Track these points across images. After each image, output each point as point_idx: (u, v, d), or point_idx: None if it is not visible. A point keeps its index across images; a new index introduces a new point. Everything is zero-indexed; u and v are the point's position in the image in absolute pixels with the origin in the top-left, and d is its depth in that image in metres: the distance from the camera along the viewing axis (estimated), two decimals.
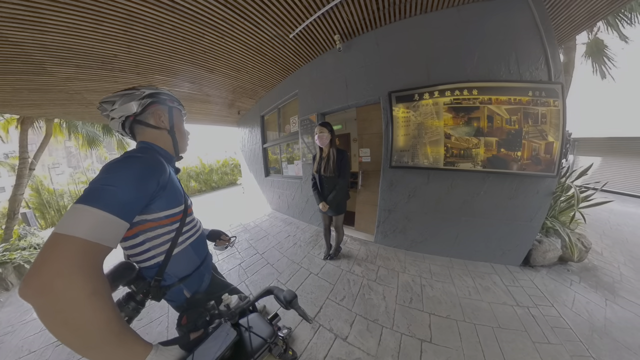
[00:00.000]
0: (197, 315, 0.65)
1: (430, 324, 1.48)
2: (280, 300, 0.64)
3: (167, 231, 0.65)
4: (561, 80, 1.85)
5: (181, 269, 0.72)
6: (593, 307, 1.63)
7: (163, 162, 0.63)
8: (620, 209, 4.76)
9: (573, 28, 2.54)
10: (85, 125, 5.72)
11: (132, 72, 2.70)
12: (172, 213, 0.66)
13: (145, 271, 0.67)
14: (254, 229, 3.72)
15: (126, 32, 1.95)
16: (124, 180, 0.51)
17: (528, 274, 2.02)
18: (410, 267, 2.16)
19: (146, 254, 0.63)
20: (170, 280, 0.69)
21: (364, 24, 2.30)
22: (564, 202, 2.47)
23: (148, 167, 0.58)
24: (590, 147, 8.01)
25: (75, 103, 3.41)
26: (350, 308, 1.66)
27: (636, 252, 2.63)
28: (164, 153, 0.73)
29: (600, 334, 1.40)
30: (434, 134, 2.11)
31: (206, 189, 9.78)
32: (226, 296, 0.74)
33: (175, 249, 0.68)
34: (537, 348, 1.29)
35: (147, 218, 0.61)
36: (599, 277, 2.03)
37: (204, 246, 0.85)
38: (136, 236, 0.61)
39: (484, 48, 1.94)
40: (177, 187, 0.69)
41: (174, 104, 0.78)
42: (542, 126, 1.84)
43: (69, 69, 2.42)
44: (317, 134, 1.92)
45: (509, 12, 1.88)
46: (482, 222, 2.13)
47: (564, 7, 2.09)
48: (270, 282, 2.09)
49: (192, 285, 0.75)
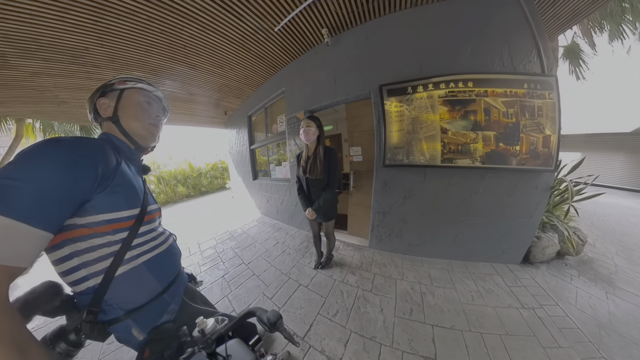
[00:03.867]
0: (163, 345, 0.54)
1: (434, 337, 1.35)
2: (263, 322, 0.56)
3: (107, 242, 0.49)
4: (554, 73, 1.81)
5: (129, 297, 0.54)
6: (596, 302, 1.61)
7: (104, 149, 0.49)
8: (603, 201, 4.93)
9: (559, 25, 2.58)
10: (62, 125, 5.26)
11: (107, 67, 2.52)
12: (118, 217, 0.50)
13: (78, 297, 0.50)
14: (240, 235, 3.52)
15: (96, 22, 1.79)
16: (40, 170, 0.38)
17: (529, 272, 1.96)
18: (409, 273, 2.03)
19: (75, 273, 0.47)
20: (112, 314, 0.51)
21: (353, 18, 2.21)
22: (557, 196, 2.45)
23: (80, 149, 0.44)
24: (571, 143, 8.45)
25: (45, 101, 3.13)
26: (344, 324, 1.50)
27: (626, 242, 2.69)
28: (121, 144, 0.61)
29: (608, 331, 1.36)
30: (430, 128, 2.01)
31: (195, 194, 9.38)
32: (200, 320, 0.60)
33: (120, 268, 0.51)
34: (548, 354, 1.21)
35: (78, 222, 0.45)
36: (596, 269, 2.03)
37: (171, 267, 0.67)
38: (61, 246, 0.45)
39: (476, 41, 1.89)
40: (131, 185, 0.55)
41: (129, 84, 0.63)
42: (539, 119, 1.77)
43: (36, 63, 2.20)
44: (303, 128, 1.68)
45: (500, 6, 1.86)
46: (481, 221, 2.05)
47: (551, 4, 2.13)
48: (256, 297, 1.90)
49: (147, 321, 0.57)
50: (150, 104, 0.66)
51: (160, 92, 0.70)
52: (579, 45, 4.57)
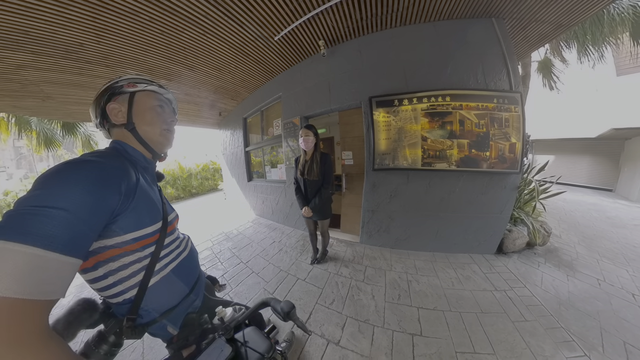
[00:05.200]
0: (188, 331, 0.60)
1: (419, 317, 1.54)
2: (277, 312, 0.59)
3: (137, 259, 0.50)
4: (520, 90, 2.10)
5: (163, 302, 0.57)
6: (558, 284, 1.87)
7: (125, 165, 0.49)
8: (570, 198, 5.47)
9: (529, 46, 2.91)
10: (42, 122, 4.86)
11: (100, 64, 2.42)
12: (144, 234, 0.51)
13: (116, 308, 0.53)
14: (237, 236, 3.56)
15: (96, 19, 1.75)
16: (66, 195, 0.36)
17: (502, 261, 2.22)
18: (396, 265, 2.23)
19: (112, 289, 0.49)
20: (148, 317, 0.55)
21: (348, 32, 2.39)
22: (527, 194, 2.77)
23: (103, 171, 0.43)
24: (544, 147, 9.19)
25: (29, 95, 2.92)
26: (341, 311, 1.65)
27: (587, 233, 3.10)
28: (137, 155, 0.58)
29: (566, 306, 1.61)
30: (412, 137, 2.25)
31: (184, 196, 9.10)
32: (220, 309, 0.66)
33: (152, 279, 0.53)
34: (517, 327, 1.43)
35: (108, 244, 0.45)
36: (560, 257, 2.34)
37: (194, 268, 0.70)
38: (95, 268, 0.46)
39: (456, 60, 2.15)
40: (150, 199, 0.54)
41: (139, 87, 0.58)
42: (506, 129, 2.06)
43: (23, 55, 2.07)
44: (303, 137, 1.91)
45: (477, 30, 2.13)
46: (459, 216, 2.30)
47: (521, 28, 2.41)
48: (257, 292, 2.00)
49: (178, 318, 0.62)
50: (163, 108, 0.62)
51: (171, 93, 0.66)
52: (550, 60, 5.06)
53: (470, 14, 2.12)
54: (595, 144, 7.71)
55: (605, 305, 1.63)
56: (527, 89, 4.31)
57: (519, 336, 1.35)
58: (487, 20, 2.13)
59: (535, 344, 1.30)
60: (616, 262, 2.28)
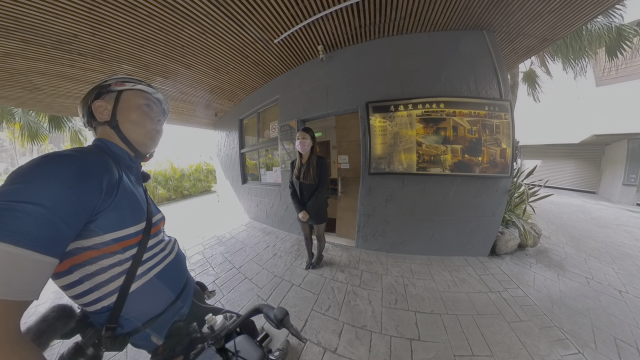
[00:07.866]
0: (174, 341, 0.56)
1: (417, 321, 1.54)
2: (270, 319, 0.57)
3: (117, 261, 0.47)
4: (509, 98, 2.19)
5: (146, 309, 0.53)
6: (550, 283, 1.93)
7: (107, 161, 0.47)
8: (558, 200, 5.72)
9: (517, 57, 3.06)
10: (26, 114, 4.60)
11: (94, 57, 2.36)
12: (126, 235, 0.48)
13: (93, 316, 0.48)
14: (229, 240, 3.47)
15: (92, 11, 1.71)
16: (43, 190, 0.34)
17: (496, 262, 2.28)
18: (392, 269, 2.24)
19: (88, 295, 0.45)
20: (130, 326, 0.51)
21: (347, 38, 2.44)
22: (517, 197, 2.86)
23: (84, 166, 0.40)
24: (531, 152, 9.59)
25: (16, 85, 2.81)
26: (337, 317, 1.62)
27: (574, 234, 3.23)
28: (121, 152, 0.56)
29: (559, 305, 1.66)
30: (408, 142, 2.30)
31: (176, 197, 8.86)
32: (210, 317, 0.62)
33: (133, 285, 0.49)
34: (512, 327, 1.45)
35: (85, 245, 0.42)
36: (550, 257, 2.42)
37: (180, 272, 0.66)
38: (70, 272, 0.42)
39: (449, 68, 2.23)
40: (134, 198, 0.52)
41: (127, 85, 0.57)
42: (497, 135, 2.13)
43: (11, 43, 2.00)
44: (299, 140, 1.89)
45: (470, 41, 2.24)
46: (453, 220, 2.35)
47: (510, 41, 2.54)
48: (250, 299, 1.94)
49: (164, 327, 0.57)
50: (150, 107, 0.61)
51: (161, 94, 0.65)
52: (535, 72, 5.43)
53: (464, 26, 2.21)
54: (579, 149, 8.12)
55: (595, 303, 1.69)
56: (515, 97, 4.56)
57: (515, 337, 1.38)
58: (479, 33, 2.24)
59: (531, 343, 1.33)
60: (602, 260, 2.38)
